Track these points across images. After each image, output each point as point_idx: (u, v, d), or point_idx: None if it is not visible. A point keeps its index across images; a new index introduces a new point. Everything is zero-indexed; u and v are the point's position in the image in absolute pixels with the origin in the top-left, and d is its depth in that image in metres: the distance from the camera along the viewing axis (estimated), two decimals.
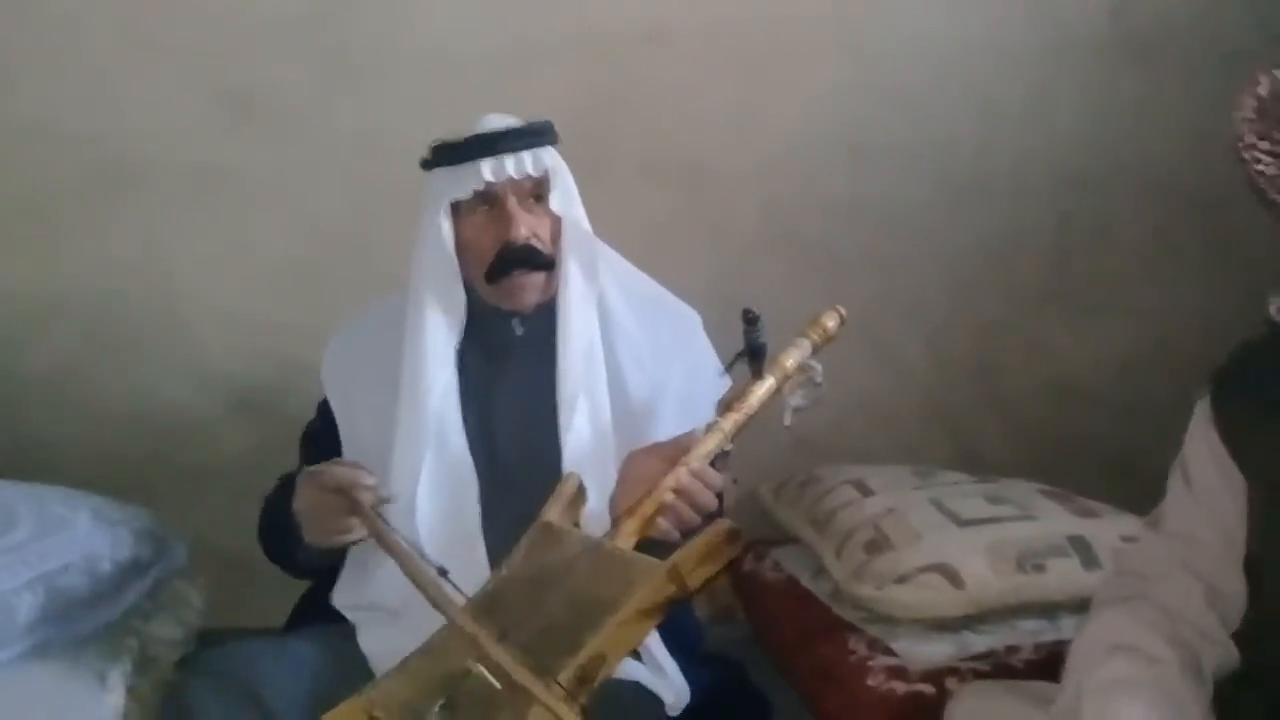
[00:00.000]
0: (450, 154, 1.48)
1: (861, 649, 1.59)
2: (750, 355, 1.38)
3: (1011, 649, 1.55)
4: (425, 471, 1.46)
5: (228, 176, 2.11)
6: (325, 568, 1.50)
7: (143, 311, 2.13)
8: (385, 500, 1.35)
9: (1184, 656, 1.12)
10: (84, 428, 2.12)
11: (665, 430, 1.44)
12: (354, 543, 1.40)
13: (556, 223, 1.51)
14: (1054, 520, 1.67)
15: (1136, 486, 1.97)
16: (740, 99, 2.20)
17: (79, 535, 1.63)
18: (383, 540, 1.29)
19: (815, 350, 1.43)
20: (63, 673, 1.49)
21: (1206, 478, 1.22)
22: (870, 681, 1.51)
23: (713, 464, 1.34)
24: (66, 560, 1.57)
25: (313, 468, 1.40)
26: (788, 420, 1.40)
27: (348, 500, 1.32)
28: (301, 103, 2.10)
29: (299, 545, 1.43)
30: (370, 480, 1.34)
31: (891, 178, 2.24)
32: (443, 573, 1.23)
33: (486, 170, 1.45)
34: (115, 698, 1.48)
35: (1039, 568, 1.58)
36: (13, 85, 2.06)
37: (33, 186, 2.09)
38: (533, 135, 1.48)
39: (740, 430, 1.37)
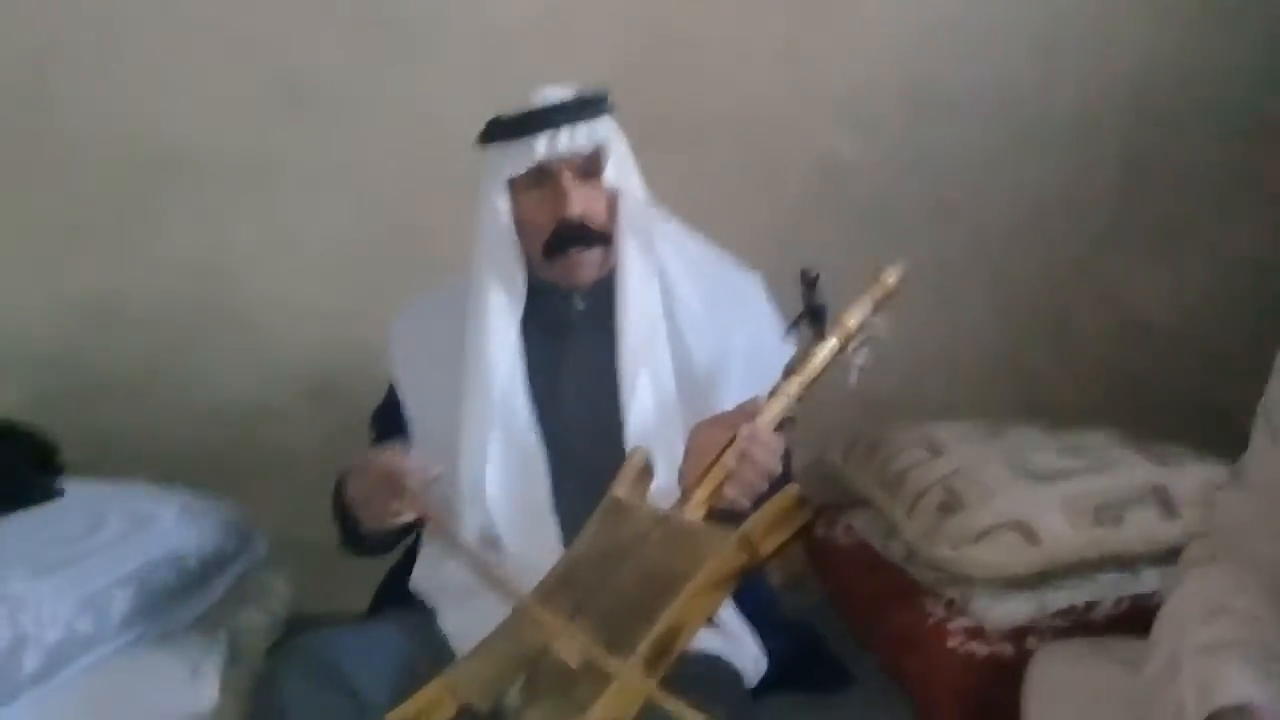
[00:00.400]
0: (503, 130, 1.48)
1: (939, 611, 1.58)
2: (811, 316, 1.36)
3: (1091, 604, 1.52)
4: (493, 452, 1.47)
5: (282, 164, 2.13)
6: (394, 545, 1.53)
7: (207, 304, 2.17)
8: (433, 479, 1.37)
9: None
10: (161, 423, 2.16)
11: (731, 399, 1.42)
12: (408, 525, 1.41)
13: (613, 196, 1.50)
14: (1131, 470, 1.63)
15: (1217, 431, 1.92)
16: (790, 46, 2.16)
17: (165, 531, 1.67)
18: (435, 524, 1.31)
19: (877, 308, 1.41)
20: (157, 666, 1.53)
21: None
22: (950, 644, 1.50)
23: (779, 429, 1.33)
24: (155, 556, 1.61)
25: (358, 458, 1.42)
26: (853, 380, 1.39)
27: (395, 486, 1.34)
28: (351, 85, 2.12)
29: (362, 531, 1.46)
30: (414, 463, 1.36)
31: (948, 122, 2.19)
32: (494, 544, 1.23)
33: (540, 146, 1.44)
34: (209, 688, 1.51)
35: (1117, 520, 1.54)
36: (63, 85, 2.09)
37: (92, 185, 2.13)
38: (585, 108, 1.47)
39: (805, 393, 1.35)
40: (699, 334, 1.53)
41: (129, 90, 2.10)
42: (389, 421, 1.59)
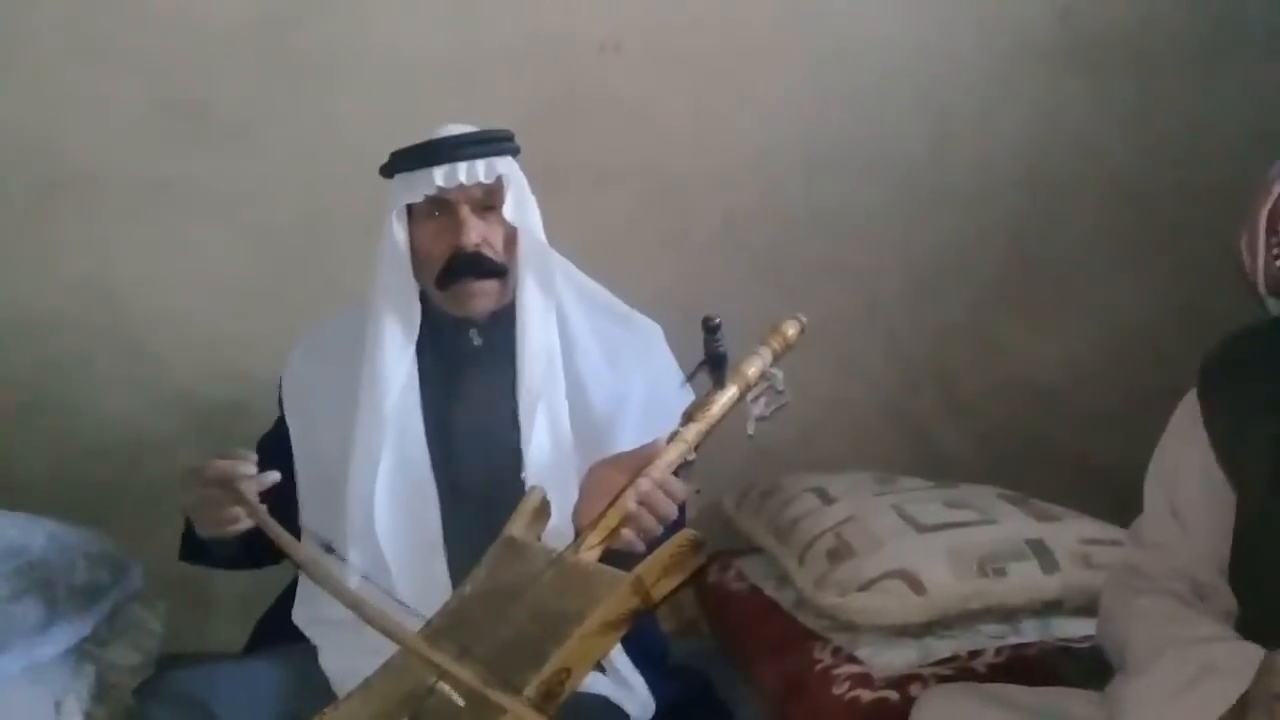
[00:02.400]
0: (405, 160, 1.49)
1: (826, 657, 1.59)
2: (711, 364, 1.38)
3: (974, 653, 1.55)
4: (383, 477, 1.45)
5: (179, 188, 2.09)
6: (240, 560, 1.47)
7: (96, 328, 2.11)
8: (267, 485, 1.33)
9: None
10: (39, 449, 2.09)
11: (627, 442, 1.44)
12: (243, 532, 1.36)
13: (510, 231, 1.51)
14: (1013, 524, 1.68)
15: (1095, 488, 2.01)
16: (696, 106, 2.21)
17: (34, 560, 1.60)
18: (267, 528, 1.27)
19: (776, 358, 1.43)
20: (18, 701, 1.47)
21: (1188, 492, 1.25)
22: (836, 690, 1.51)
23: (676, 474, 1.34)
24: (19, 586, 1.55)
25: (193, 465, 1.37)
26: (751, 429, 1.41)
27: (230, 491, 1.31)
28: (253, 112, 2.09)
29: (199, 540, 1.42)
30: (249, 468, 1.32)
31: (848, 184, 2.25)
32: (329, 549, 1.23)
33: (439, 176, 1.46)
34: None
35: (1000, 572, 1.59)
36: None
37: None
38: (487, 142, 1.49)
39: (703, 440, 1.37)
40: (596, 377, 1.54)
41: (26, 107, 2.05)
42: (272, 451, 1.56)
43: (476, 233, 1.48)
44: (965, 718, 1.23)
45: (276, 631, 1.50)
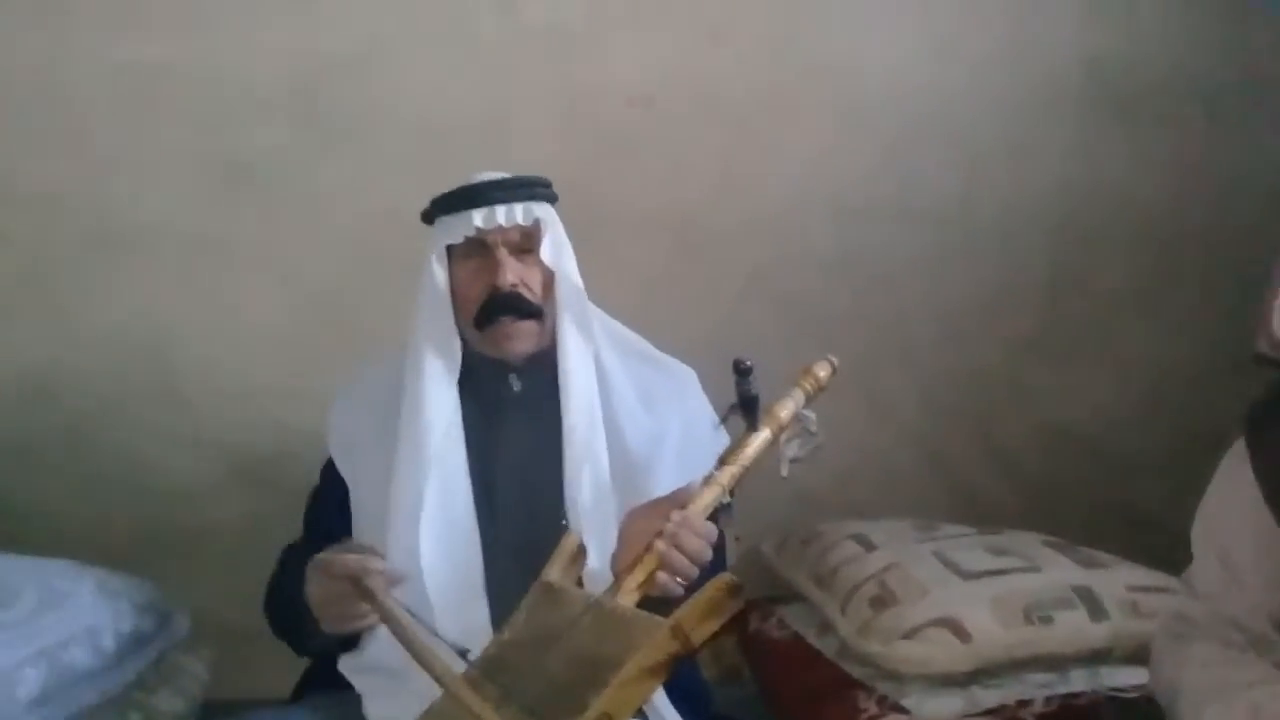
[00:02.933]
0: (444, 203, 1.53)
1: (871, 707, 1.58)
2: (743, 407, 1.38)
3: (1023, 703, 1.54)
4: (427, 528, 1.45)
5: (218, 243, 2.13)
6: (337, 648, 1.48)
7: (139, 380, 2.13)
8: (397, 582, 1.34)
9: None
10: (84, 498, 2.11)
11: (664, 485, 1.44)
12: (369, 628, 1.38)
13: (548, 274, 1.53)
14: (1059, 571, 1.66)
15: (1134, 535, 1.99)
16: (726, 160, 2.23)
17: (81, 609, 1.60)
18: (396, 629, 1.26)
19: (809, 400, 1.43)
20: None
21: (1239, 541, 1.23)
22: None
23: (714, 518, 1.34)
24: (68, 634, 1.55)
25: (321, 556, 1.38)
26: (784, 471, 1.40)
27: (359, 587, 1.31)
28: (289, 169, 2.13)
29: (314, 632, 1.41)
30: (379, 565, 1.33)
31: (879, 233, 2.27)
32: (463, 654, 1.22)
33: (477, 218, 1.49)
34: None
35: (1046, 620, 1.57)
36: (9, 153, 2.08)
37: (29, 255, 2.10)
38: (525, 186, 1.53)
39: (738, 483, 1.36)
40: (633, 420, 1.54)
41: (68, 161, 2.09)
42: (325, 504, 1.57)
43: (513, 273, 1.50)
44: None
45: (322, 679, 1.50)
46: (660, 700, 1.41)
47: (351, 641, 1.46)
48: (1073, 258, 2.31)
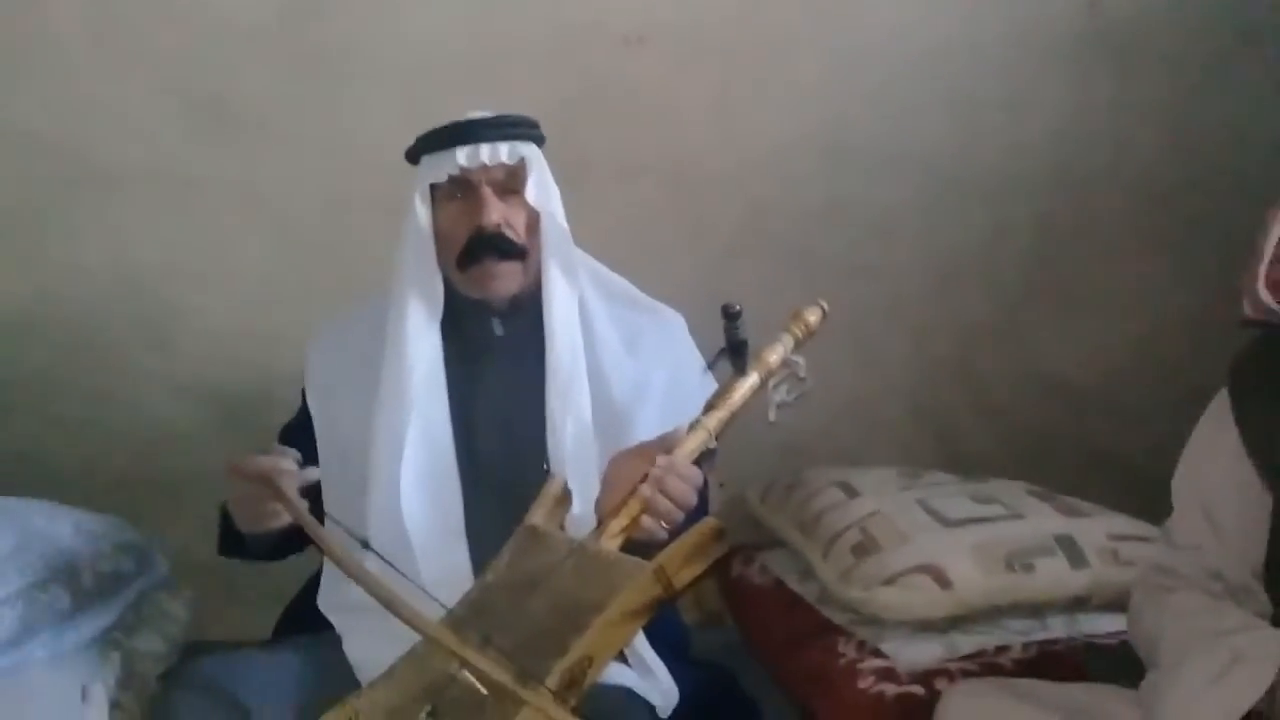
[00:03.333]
0: (430, 142, 1.51)
1: (851, 651, 1.59)
2: (732, 351, 1.38)
3: (1001, 649, 1.54)
4: (408, 470, 1.45)
5: (202, 183, 2.10)
6: (274, 553, 1.49)
7: (121, 321, 2.12)
8: (308, 482, 1.34)
9: None
10: (64, 439, 2.11)
11: (648, 431, 1.43)
12: (288, 534, 1.38)
13: (533, 216, 1.51)
14: (1041, 519, 1.67)
15: (1122, 484, 1.99)
16: (719, 100, 2.19)
17: (60, 549, 1.61)
18: (306, 526, 1.27)
19: (798, 345, 1.43)
20: (45, 688, 1.47)
21: (1221, 493, 1.23)
22: (860, 684, 1.50)
23: (699, 463, 1.34)
24: (46, 574, 1.55)
25: (235, 460, 1.38)
26: (772, 415, 1.40)
27: (270, 487, 1.31)
28: (274, 108, 2.10)
29: (239, 535, 1.43)
30: (290, 465, 1.33)
31: (871, 179, 2.24)
32: (365, 544, 1.23)
33: (461, 156, 1.47)
34: (99, 713, 1.46)
35: (1027, 567, 1.57)
36: None
37: (9, 194, 2.07)
38: (511, 125, 1.50)
39: (725, 428, 1.36)
40: (617, 366, 1.53)
41: (49, 101, 2.05)
42: (295, 437, 1.56)
43: (498, 213, 1.48)
44: (993, 713, 1.22)
45: (302, 620, 1.50)
46: (640, 644, 1.42)
47: (284, 548, 1.47)
48: (1067, 206, 2.29)
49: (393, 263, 1.54)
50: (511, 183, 1.50)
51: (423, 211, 1.51)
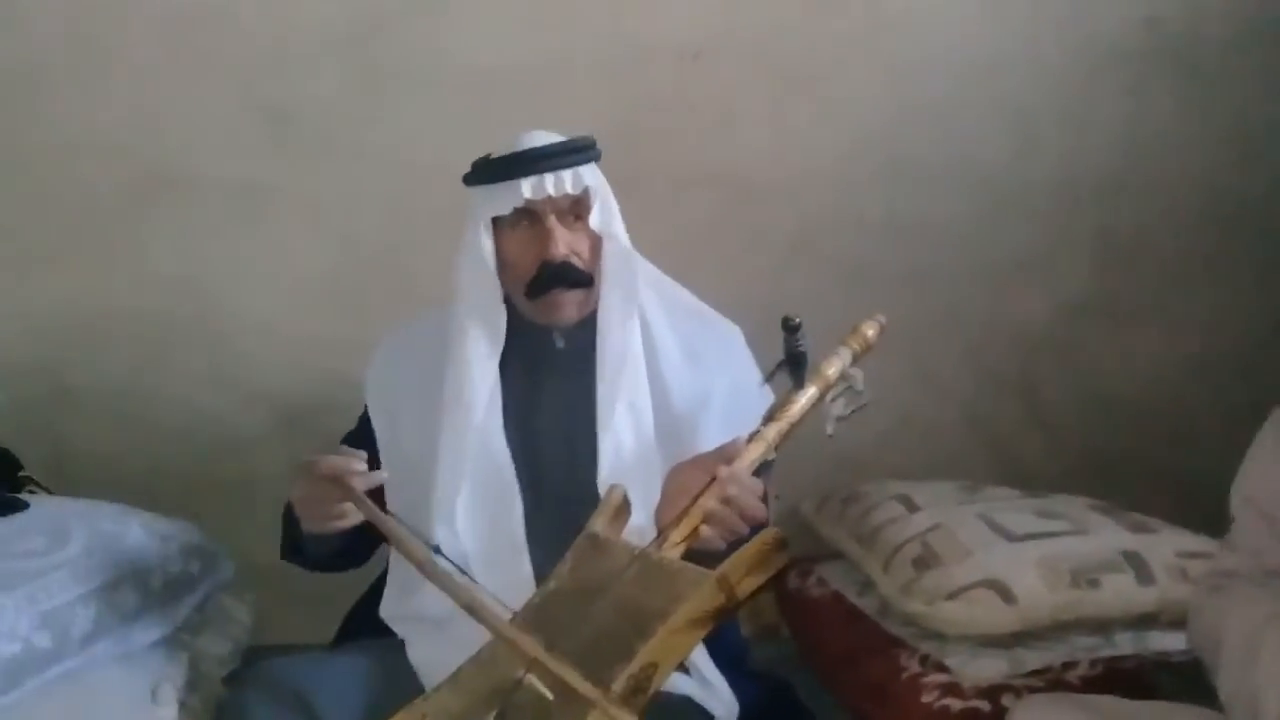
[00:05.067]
0: (491, 171, 1.48)
1: (913, 665, 1.58)
2: (791, 364, 1.37)
3: (1068, 665, 1.53)
4: (468, 485, 1.45)
5: (267, 192, 2.14)
6: (337, 560, 1.50)
7: (186, 327, 2.15)
8: (378, 482, 1.34)
9: None
10: (134, 443, 2.14)
11: (709, 441, 1.42)
12: (349, 529, 1.38)
13: (596, 239, 1.50)
14: (1107, 535, 1.65)
15: (1180, 501, 1.97)
16: (775, 114, 2.21)
17: (130, 550, 1.63)
18: (377, 522, 1.28)
19: (856, 359, 1.42)
20: (116, 686, 1.49)
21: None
22: (924, 699, 1.49)
23: (756, 474, 1.33)
24: (118, 575, 1.57)
25: (305, 459, 1.39)
26: (830, 429, 1.39)
27: (340, 487, 1.32)
28: (338, 118, 2.13)
29: (303, 536, 1.43)
30: (360, 465, 1.33)
31: (927, 192, 2.24)
32: (436, 550, 1.24)
33: (526, 188, 1.44)
34: (168, 711, 1.47)
35: (1093, 583, 1.55)
36: (57, 100, 2.09)
37: (77, 201, 2.12)
38: (573, 152, 1.48)
39: (784, 440, 1.36)
40: (678, 377, 1.52)
41: (123, 109, 2.10)
42: (356, 445, 1.57)
43: (564, 244, 1.47)
44: None
45: (363, 626, 1.51)
46: (699, 654, 1.42)
47: (346, 555, 1.47)
48: (1126, 221, 2.27)
49: (452, 286, 1.53)
50: (575, 208, 1.48)
51: (486, 244, 1.49)
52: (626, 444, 1.47)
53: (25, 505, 1.68)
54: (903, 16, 2.20)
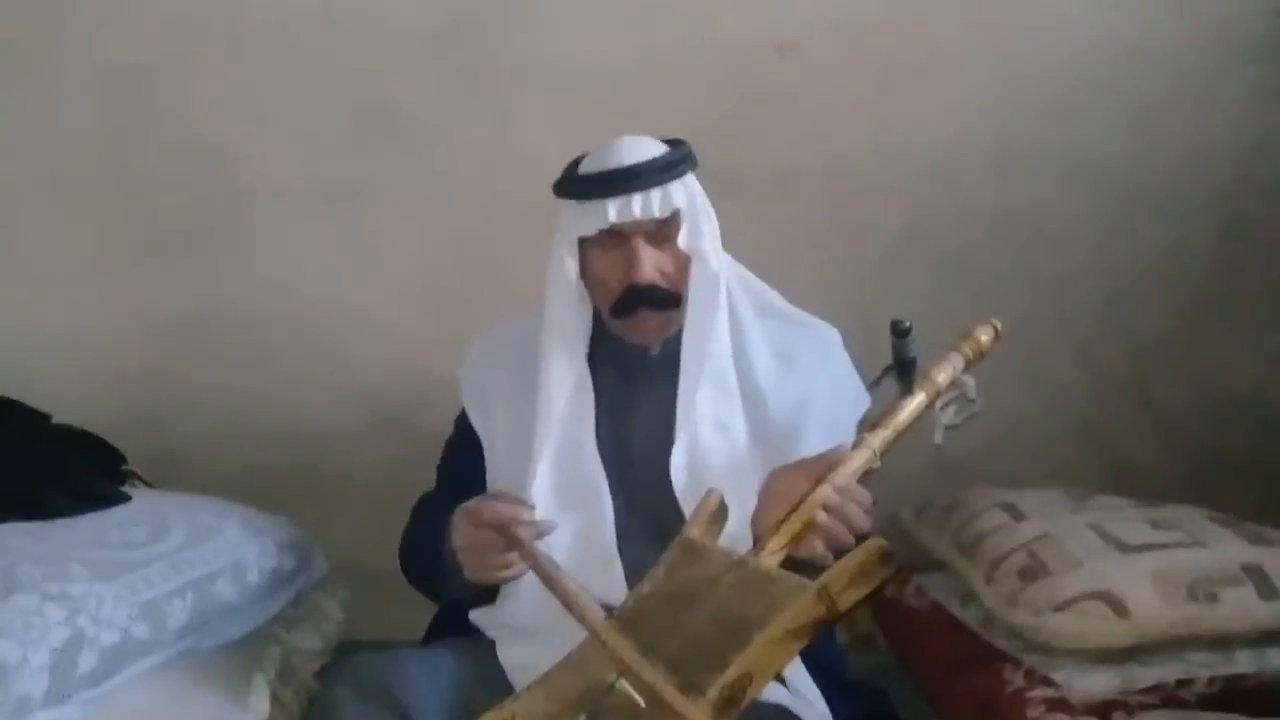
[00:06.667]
0: (577, 188, 1.46)
1: (1018, 680, 1.51)
2: (899, 369, 1.33)
3: (1183, 682, 1.45)
4: (559, 491, 1.44)
5: (368, 191, 2.15)
6: (474, 599, 1.48)
7: (286, 326, 2.18)
8: (545, 533, 1.33)
9: None
10: (233, 440, 2.17)
11: (810, 447, 1.39)
12: (514, 578, 1.37)
13: (684, 257, 1.46)
14: (1227, 547, 1.55)
15: None
16: (879, 109, 2.16)
17: (228, 544, 1.65)
18: (547, 579, 1.26)
19: (968, 365, 1.37)
20: (211, 678, 1.51)
21: None
22: (1030, 713, 1.43)
23: (858, 482, 1.29)
24: (215, 568, 1.59)
25: (469, 504, 1.38)
26: (938, 439, 1.35)
27: (508, 536, 1.30)
28: (436, 117, 2.14)
29: (456, 581, 1.41)
30: (529, 515, 1.32)
31: (1041, 189, 2.16)
32: (608, 611, 1.21)
33: (612, 211, 1.41)
34: (261, 703, 1.49)
35: (1211, 597, 1.47)
36: (163, 102, 2.13)
37: (184, 203, 2.16)
38: (661, 172, 1.43)
39: (889, 448, 1.32)
40: (774, 382, 1.49)
41: (226, 111, 2.14)
42: (460, 454, 1.57)
43: (650, 266, 1.44)
44: None
45: (453, 625, 1.50)
46: (795, 665, 1.38)
47: (489, 593, 1.45)
48: (1250, 217, 2.17)
49: (544, 296, 1.51)
50: (664, 229, 1.45)
51: (571, 264, 1.46)
52: (712, 450, 1.44)
53: (127, 498, 1.72)
54: (1011, 12, 2.14)
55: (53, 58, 2.12)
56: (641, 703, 1.09)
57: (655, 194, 1.41)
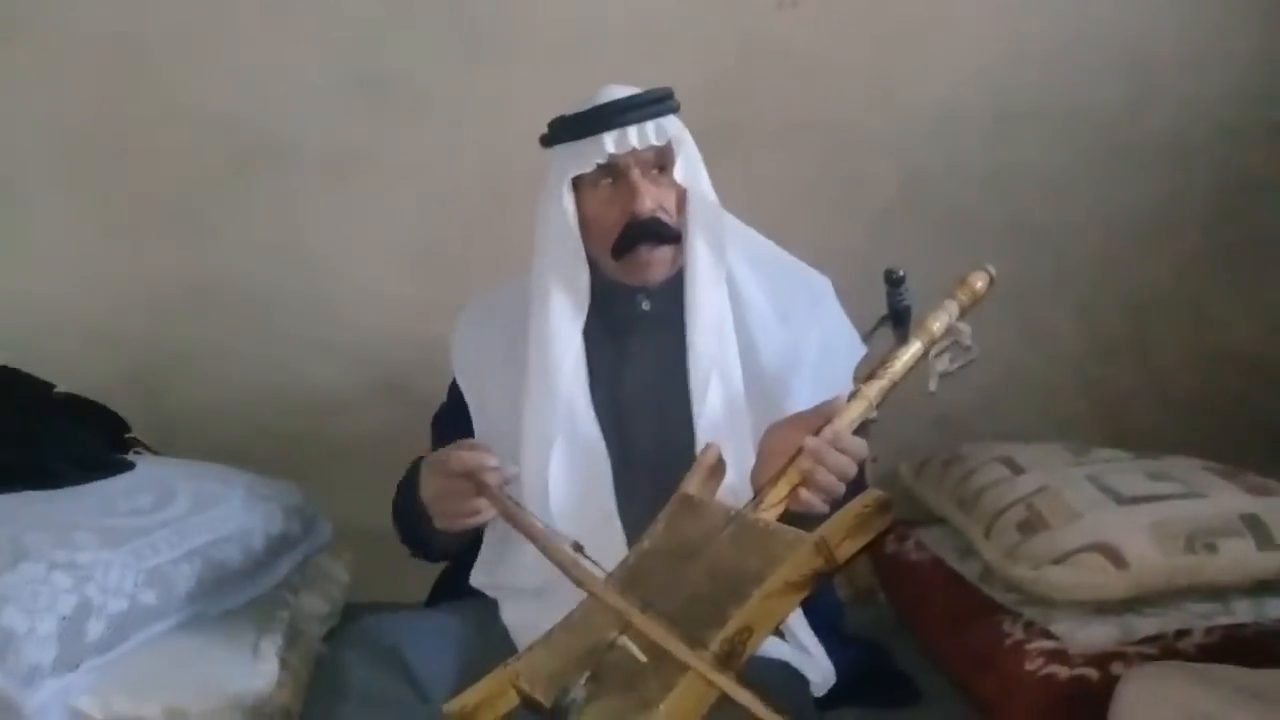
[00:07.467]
0: (571, 128, 1.45)
1: (1017, 632, 1.52)
2: (894, 318, 1.33)
3: (1181, 633, 1.46)
4: (556, 452, 1.43)
5: (366, 156, 2.14)
6: (460, 551, 1.50)
7: (287, 291, 2.17)
8: (510, 479, 1.34)
9: None
10: (236, 406, 2.17)
11: (801, 400, 1.39)
12: (484, 524, 1.39)
13: (681, 193, 1.46)
14: (1225, 498, 1.56)
15: None
16: (877, 63, 2.14)
17: (233, 510, 1.66)
18: (514, 520, 1.27)
19: (963, 312, 1.37)
20: (218, 643, 1.52)
21: None
22: (1029, 665, 1.44)
23: (856, 433, 1.29)
24: (221, 534, 1.61)
25: (435, 454, 1.38)
26: (933, 386, 1.35)
27: (474, 483, 1.31)
28: (436, 82, 2.12)
29: (432, 532, 1.42)
30: (494, 461, 1.32)
31: (1036, 140, 2.16)
32: (578, 548, 1.21)
33: (609, 143, 1.40)
34: (269, 667, 1.50)
35: (1210, 548, 1.48)
36: (161, 69, 2.11)
37: (182, 170, 2.14)
38: (654, 104, 1.43)
39: (885, 397, 1.32)
40: (768, 335, 1.49)
41: (225, 78, 2.12)
42: (450, 422, 1.57)
43: (651, 198, 1.43)
44: (1181, 699, 1.14)
45: (455, 589, 1.51)
46: (794, 618, 1.40)
47: (468, 547, 1.46)
48: (1249, 170, 2.16)
49: (534, 251, 1.50)
50: (659, 160, 1.44)
51: (569, 203, 1.45)
52: (716, 407, 1.44)
53: (132, 465, 1.72)
54: None
55: (51, 25, 2.10)
56: (643, 658, 1.10)
57: (650, 124, 1.42)
